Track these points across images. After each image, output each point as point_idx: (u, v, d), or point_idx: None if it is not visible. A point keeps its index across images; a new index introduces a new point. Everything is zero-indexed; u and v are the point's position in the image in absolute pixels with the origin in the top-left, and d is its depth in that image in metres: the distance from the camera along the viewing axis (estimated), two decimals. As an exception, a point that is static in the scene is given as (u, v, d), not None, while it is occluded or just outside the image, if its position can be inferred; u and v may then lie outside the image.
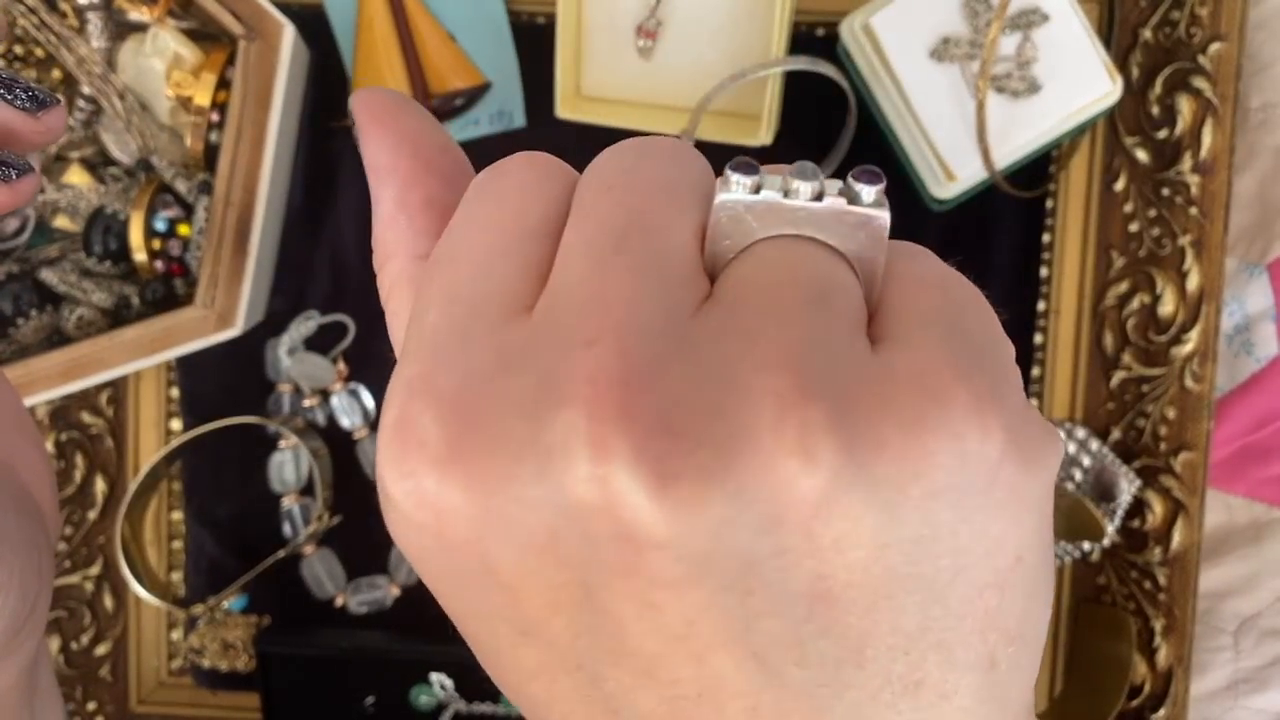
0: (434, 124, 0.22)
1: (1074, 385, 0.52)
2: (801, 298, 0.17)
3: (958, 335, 0.17)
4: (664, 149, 0.19)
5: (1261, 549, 0.57)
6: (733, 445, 0.15)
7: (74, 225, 0.50)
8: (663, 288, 0.17)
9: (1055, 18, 0.45)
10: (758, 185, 0.18)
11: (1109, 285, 0.52)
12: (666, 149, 0.19)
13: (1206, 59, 0.50)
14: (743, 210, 0.18)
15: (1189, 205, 0.50)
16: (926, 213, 0.51)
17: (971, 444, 0.16)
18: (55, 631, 0.54)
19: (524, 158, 0.20)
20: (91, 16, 0.48)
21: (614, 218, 0.18)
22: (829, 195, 0.18)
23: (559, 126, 0.50)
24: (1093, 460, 0.52)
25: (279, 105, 0.46)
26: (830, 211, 0.18)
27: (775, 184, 0.18)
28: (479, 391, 0.17)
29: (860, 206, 0.18)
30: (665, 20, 0.48)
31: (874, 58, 0.46)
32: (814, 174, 0.18)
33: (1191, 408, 0.51)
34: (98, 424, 0.54)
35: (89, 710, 0.54)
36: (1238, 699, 0.58)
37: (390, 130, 0.21)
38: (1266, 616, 0.57)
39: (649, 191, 0.18)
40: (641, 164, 0.19)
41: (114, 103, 0.48)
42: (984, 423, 0.16)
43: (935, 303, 0.18)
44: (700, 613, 0.16)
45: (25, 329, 0.48)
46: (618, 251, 0.17)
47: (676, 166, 0.19)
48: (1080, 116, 0.46)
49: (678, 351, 0.16)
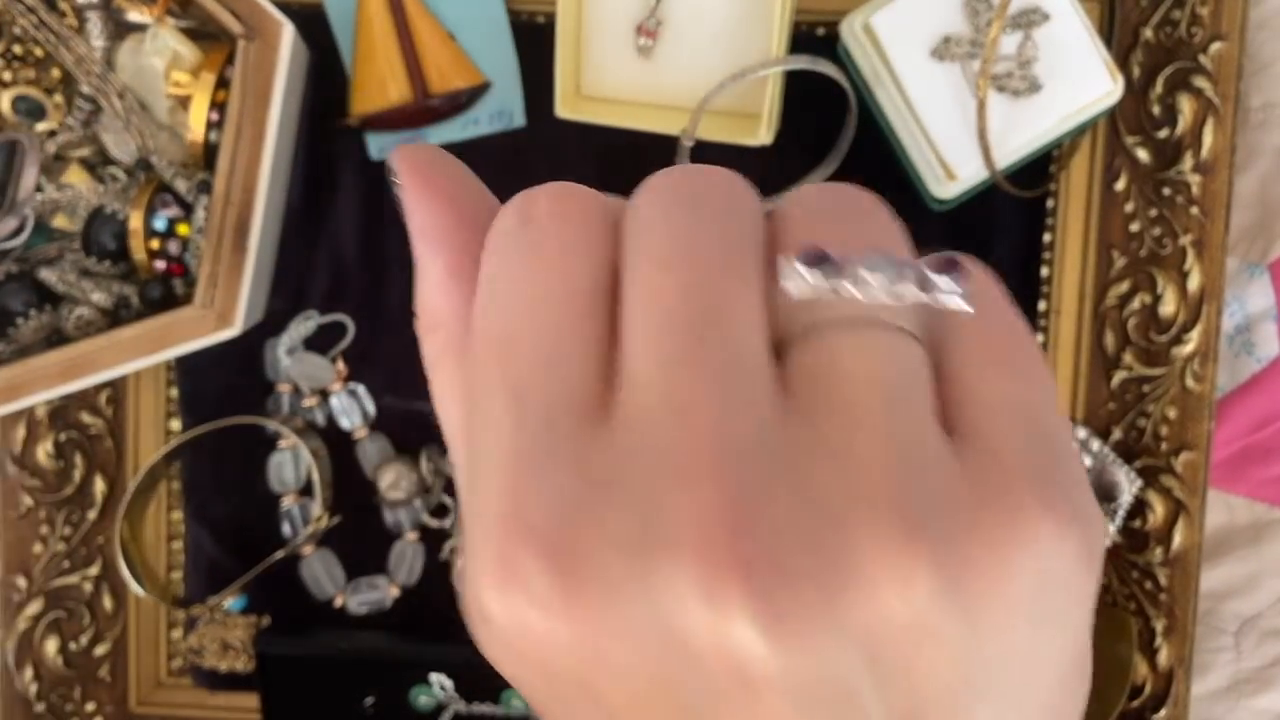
0: (471, 176, 0.21)
1: (1075, 385, 0.52)
2: (883, 400, 0.17)
3: (1035, 433, 0.17)
4: (717, 199, 0.18)
5: (1262, 549, 0.57)
6: (837, 580, 0.16)
7: (73, 225, 0.50)
8: (747, 396, 0.16)
9: (1056, 17, 0.45)
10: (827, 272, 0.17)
11: (1110, 285, 0.51)
12: (720, 198, 0.18)
13: (1207, 58, 0.50)
14: (814, 295, 0.17)
15: (1190, 205, 0.50)
16: (927, 212, 0.51)
17: (1051, 561, 0.16)
18: (55, 632, 0.54)
19: (553, 198, 0.19)
20: (91, 16, 0.48)
21: (682, 308, 0.17)
22: (902, 281, 0.17)
23: (559, 125, 0.50)
24: (1094, 460, 0.52)
25: (278, 104, 0.46)
26: (907, 305, 0.17)
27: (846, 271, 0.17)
28: (579, 527, 0.16)
29: (940, 296, 0.17)
30: (665, 19, 0.48)
31: (874, 57, 0.46)
32: (888, 265, 0.17)
33: (1192, 408, 0.51)
34: (97, 424, 0.54)
35: (88, 710, 0.54)
36: (1239, 699, 0.58)
37: (439, 191, 0.20)
38: (1267, 617, 0.57)
39: (712, 266, 0.17)
40: (698, 228, 0.18)
41: (113, 102, 0.48)
42: (1062, 534, 0.16)
43: (1006, 389, 0.18)
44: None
45: (25, 329, 0.48)
46: (693, 355, 0.17)
47: (734, 221, 0.18)
48: (1081, 116, 0.46)
49: (774, 476, 0.16)
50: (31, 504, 0.54)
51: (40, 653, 0.54)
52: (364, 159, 0.52)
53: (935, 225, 0.51)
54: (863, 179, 0.55)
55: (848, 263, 0.17)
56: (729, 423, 0.16)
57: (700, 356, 0.17)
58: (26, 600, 0.54)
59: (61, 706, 0.54)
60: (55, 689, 0.54)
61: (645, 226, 0.18)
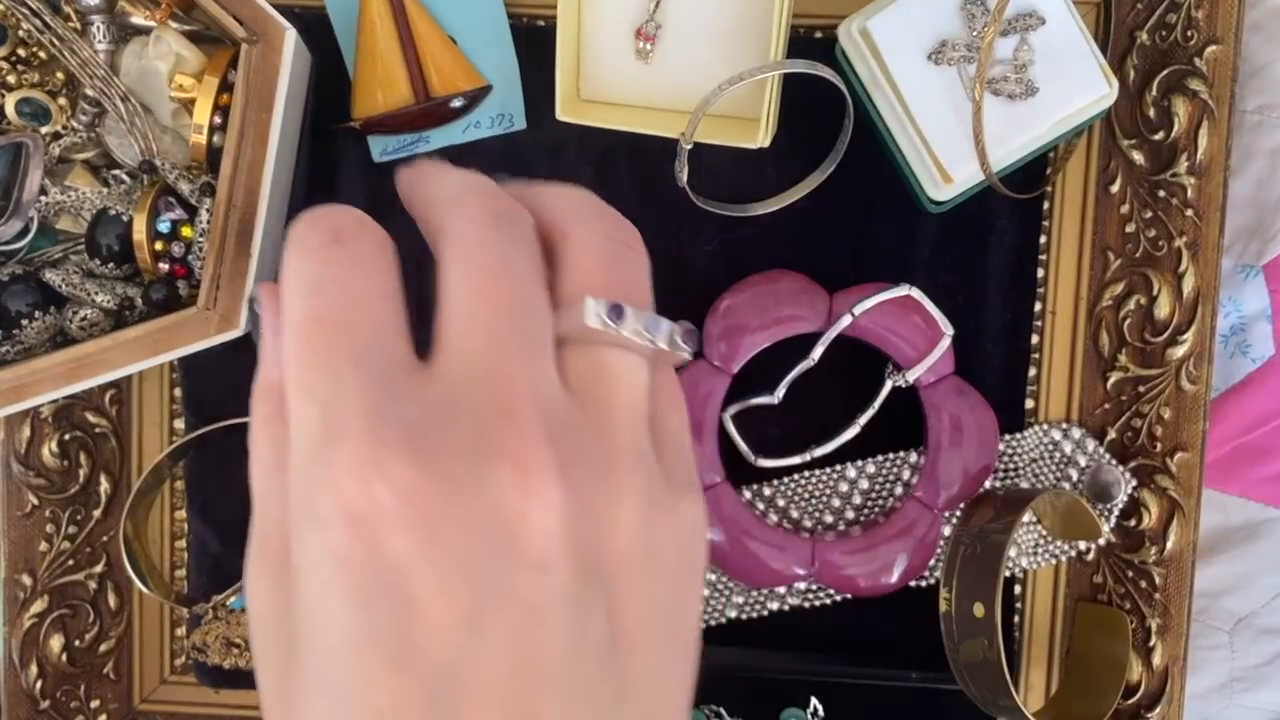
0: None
1: (1070, 386, 0.52)
2: (628, 402, 0.24)
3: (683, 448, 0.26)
4: (515, 223, 0.25)
5: (1256, 548, 0.57)
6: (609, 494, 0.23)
7: (77, 227, 0.50)
8: (545, 368, 0.23)
9: (1052, 21, 0.46)
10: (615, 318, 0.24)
11: (1105, 286, 0.52)
12: (515, 221, 0.25)
13: (1202, 62, 0.50)
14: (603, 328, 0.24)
15: (1185, 207, 0.51)
16: (923, 214, 0.51)
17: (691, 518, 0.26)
18: (59, 629, 0.54)
19: (352, 220, 0.25)
20: (95, 19, 0.48)
21: (504, 303, 0.23)
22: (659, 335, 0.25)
23: (559, 128, 0.50)
24: (1089, 461, 0.52)
25: (281, 108, 0.46)
26: (659, 350, 0.25)
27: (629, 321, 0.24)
28: (427, 437, 0.22)
29: (678, 351, 0.25)
30: (664, 24, 0.48)
31: (871, 60, 0.46)
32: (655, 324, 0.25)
33: (1187, 408, 0.52)
34: (101, 424, 0.54)
35: (92, 708, 0.55)
36: (1233, 697, 0.58)
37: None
38: (1262, 615, 0.58)
39: (526, 277, 0.24)
40: (508, 245, 0.24)
41: (117, 105, 0.48)
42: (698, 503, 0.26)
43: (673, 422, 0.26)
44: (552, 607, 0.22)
45: (29, 330, 0.48)
46: (510, 330, 0.23)
47: (527, 241, 0.25)
48: (1077, 119, 0.47)
49: (563, 422, 0.23)
50: (36, 503, 0.54)
51: (45, 650, 0.54)
52: (366, 162, 0.52)
53: (931, 227, 0.52)
54: (860, 181, 0.55)
55: (631, 315, 0.24)
56: (535, 381, 0.23)
57: (515, 332, 0.23)
58: (31, 598, 0.54)
59: (66, 704, 0.55)
60: (60, 686, 0.55)
61: (466, 240, 0.24)
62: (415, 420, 0.22)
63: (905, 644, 0.53)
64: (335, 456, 0.21)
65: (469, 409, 0.22)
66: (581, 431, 0.23)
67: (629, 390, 0.24)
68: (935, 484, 0.51)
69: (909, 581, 0.52)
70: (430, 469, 0.21)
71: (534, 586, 0.22)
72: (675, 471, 0.25)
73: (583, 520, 0.22)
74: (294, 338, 0.23)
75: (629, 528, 0.23)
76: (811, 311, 0.50)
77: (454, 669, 0.21)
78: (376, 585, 0.21)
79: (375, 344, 0.23)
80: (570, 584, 0.22)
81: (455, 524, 0.21)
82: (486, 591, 0.21)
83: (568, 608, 0.22)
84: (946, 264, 0.52)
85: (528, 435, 0.22)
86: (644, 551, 0.23)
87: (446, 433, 0.22)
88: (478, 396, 0.22)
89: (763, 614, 0.54)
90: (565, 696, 0.22)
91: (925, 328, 0.50)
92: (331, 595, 0.21)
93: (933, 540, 0.51)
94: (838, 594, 0.53)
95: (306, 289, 0.24)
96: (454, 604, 0.21)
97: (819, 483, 0.53)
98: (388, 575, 0.21)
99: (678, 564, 0.24)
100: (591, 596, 0.22)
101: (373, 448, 0.21)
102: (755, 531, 0.51)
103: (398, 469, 0.21)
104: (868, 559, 0.51)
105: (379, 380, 0.22)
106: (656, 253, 0.52)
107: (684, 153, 0.47)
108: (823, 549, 0.51)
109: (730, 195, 0.51)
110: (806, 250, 0.52)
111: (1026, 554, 0.53)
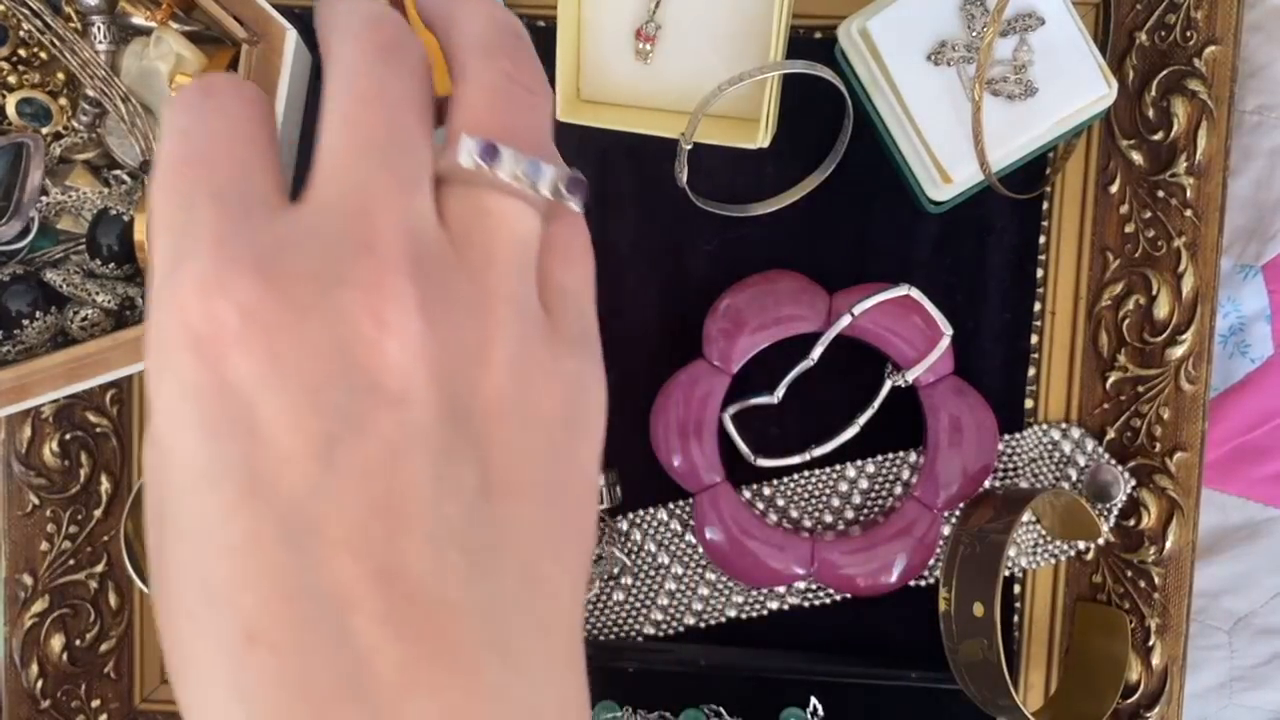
0: None
1: (1069, 386, 0.52)
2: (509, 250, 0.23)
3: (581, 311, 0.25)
4: (401, 52, 0.24)
5: (1256, 548, 0.57)
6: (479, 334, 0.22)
7: (78, 227, 0.50)
8: (420, 206, 0.22)
9: (1051, 21, 0.46)
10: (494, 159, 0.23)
11: (1104, 287, 0.52)
12: (402, 51, 0.24)
13: (1201, 62, 0.50)
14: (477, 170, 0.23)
15: (1184, 207, 0.51)
16: (923, 214, 0.51)
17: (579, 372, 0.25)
18: (60, 629, 0.55)
19: (227, 77, 0.24)
20: (95, 20, 0.48)
21: (378, 134, 0.22)
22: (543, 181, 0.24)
23: (559, 129, 0.50)
24: (1088, 460, 0.52)
25: (282, 109, 0.46)
26: (541, 198, 0.24)
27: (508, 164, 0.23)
28: (277, 262, 0.21)
29: (564, 199, 0.24)
30: (664, 24, 0.48)
31: (871, 61, 0.46)
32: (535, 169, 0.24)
33: (1186, 409, 0.52)
34: (102, 423, 0.54)
35: (93, 707, 0.55)
36: (1233, 696, 0.58)
37: None
38: (1261, 615, 0.58)
39: (403, 109, 0.23)
40: (390, 80, 0.23)
41: (118, 106, 0.48)
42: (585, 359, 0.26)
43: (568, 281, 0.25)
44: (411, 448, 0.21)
45: (30, 330, 0.48)
46: (384, 164, 0.22)
47: (413, 73, 0.24)
48: (1076, 119, 0.47)
49: (430, 259, 0.22)
50: (37, 502, 0.54)
51: (46, 650, 0.54)
52: (366, 161, 0.52)
53: (931, 226, 0.52)
54: (859, 181, 0.55)
55: (509, 158, 0.23)
56: (402, 215, 0.22)
57: (385, 165, 0.22)
58: (32, 598, 0.54)
59: (67, 703, 0.55)
60: (61, 686, 0.55)
61: (348, 69, 0.23)
62: (267, 245, 0.21)
63: (905, 643, 0.53)
64: (180, 278, 0.21)
65: (326, 237, 0.21)
66: (452, 271, 0.22)
67: (510, 237, 0.23)
68: (934, 484, 0.51)
69: (908, 581, 0.52)
70: (276, 289, 0.20)
71: (392, 422, 0.21)
72: (564, 328, 0.24)
73: (447, 360, 0.21)
74: (156, 179, 0.23)
75: (500, 375, 0.22)
76: (811, 311, 0.50)
77: (307, 505, 0.20)
78: (221, 411, 0.21)
79: (235, 180, 0.22)
80: (433, 425, 0.21)
81: (301, 348, 0.20)
82: (338, 423, 0.21)
83: (431, 448, 0.21)
84: (946, 264, 0.52)
85: (385, 265, 0.21)
86: (518, 402, 0.22)
87: (299, 258, 0.21)
88: (336, 225, 0.21)
89: (762, 613, 0.54)
90: (433, 543, 0.21)
91: (925, 328, 0.50)
92: (180, 427, 0.21)
93: (932, 540, 0.51)
94: (837, 593, 0.54)
95: (173, 136, 0.23)
96: (303, 434, 0.20)
97: (818, 482, 0.53)
98: (232, 400, 0.20)
99: (558, 419, 0.23)
100: (459, 441, 0.21)
101: (217, 267, 0.21)
102: (755, 531, 0.51)
103: (241, 287, 0.20)
104: (867, 559, 0.51)
105: (235, 211, 0.22)
106: (657, 253, 0.52)
107: (684, 153, 0.47)
108: (822, 549, 0.51)
109: (730, 195, 0.51)
110: (806, 250, 0.52)
111: (1026, 553, 0.53)
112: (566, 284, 0.25)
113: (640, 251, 0.52)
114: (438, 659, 0.21)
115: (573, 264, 0.25)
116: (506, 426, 0.22)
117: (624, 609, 0.54)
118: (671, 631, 0.54)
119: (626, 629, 0.54)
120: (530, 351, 0.23)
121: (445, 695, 0.21)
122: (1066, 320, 0.52)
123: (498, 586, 0.22)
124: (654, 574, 0.54)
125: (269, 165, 0.23)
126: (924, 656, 0.52)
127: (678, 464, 0.51)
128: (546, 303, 0.24)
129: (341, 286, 0.21)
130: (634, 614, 0.54)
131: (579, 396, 0.24)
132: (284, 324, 0.20)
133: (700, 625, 0.54)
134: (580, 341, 0.24)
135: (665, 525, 0.53)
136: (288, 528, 0.20)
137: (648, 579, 0.54)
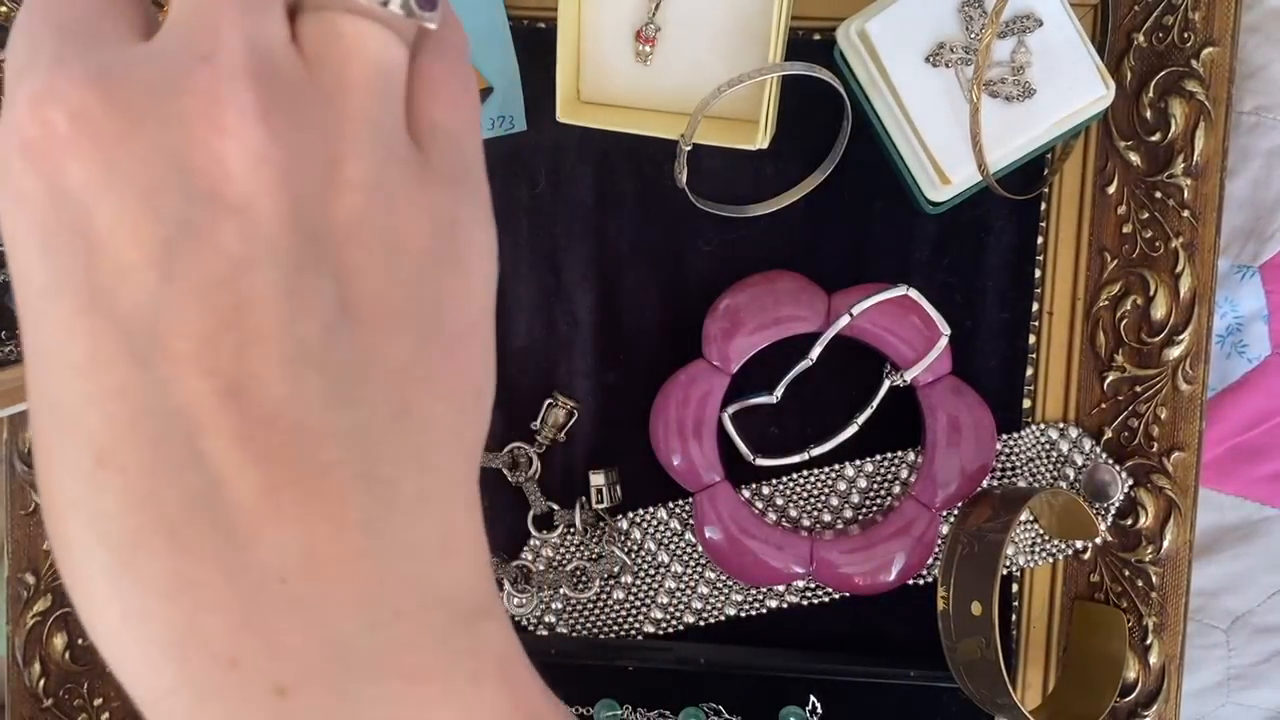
0: None
1: (1067, 386, 0.53)
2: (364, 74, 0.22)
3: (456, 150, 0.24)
4: None
5: (1253, 547, 0.57)
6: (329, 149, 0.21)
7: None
8: (270, 26, 0.21)
9: (1049, 23, 0.46)
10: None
11: (1102, 287, 0.52)
12: None
13: (1199, 63, 0.50)
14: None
15: (1182, 208, 0.51)
16: (921, 215, 0.51)
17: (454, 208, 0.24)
18: (62, 628, 0.55)
19: None
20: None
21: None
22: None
23: (559, 130, 0.50)
24: (1086, 460, 0.53)
25: None
26: (405, 21, 0.23)
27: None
28: (115, 75, 0.20)
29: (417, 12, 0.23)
30: (663, 26, 0.49)
31: (869, 63, 0.47)
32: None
33: (1184, 408, 0.52)
34: (104, 423, 0.54)
35: (95, 706, 0.55)
36: (1230, 695, 0.59)
37: None
38: (1258, 614, 0.58)
39: None
40: None
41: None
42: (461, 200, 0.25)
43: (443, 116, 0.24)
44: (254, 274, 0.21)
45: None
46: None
47: None
48: (1074, 120, 0.47)
49: (276, 78, 0.21)
50: (39, 502, 0.54)
51: (48, 649, 0.55)
52: (367, 162, 0.53)
53: (929, 227, 0.52)
54: (858, 182, 0.56)
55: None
56: (249, 33, 0.21)
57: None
58: (35, 597, 0.55)
59: (69, 702, 0.55)
60: (63, 685, 0.55)
61: None
62: (107, 62, 0.21)
63: (903, 642, 0.54)
64: (17, 94, 0.20)
65: (166, 54, 0.21)
66: (302, 88, 0.21)
67: (365, 59, 0.22)
68: (933, 483, 0.51)
69: (907, 580, 0.52)
70: (109, 97, 0.20)
71: (233, 231, 0.20)
72: (436, 163, 0.23)
73: (295, 172, 0.21)
74: (13, 27, 0.22)
75: (354, 196, 0.21)
76: (810, 311, 0.51)
77: (150, 316, 0.20)
78: (57, 220, 0.20)
79: (84, 19, 0.22)
80: (281, 237, 0.20)
81: (135, 154, 0.20)
82: (177, 230, 0.20)
83: (280, 262, 0.20)
84: (944, 264, 0.52)
85: (223, 73, 0.20)
86: (377, 227, 0.22)
87: (136, 70, 0.20)
88: (179, 41, 0.21)
89: (761, 612, 0.54)
90: (288, 362, 0.20)
91: (923, 328, 0.50)
92: (20, 241, 0.21)
93: (930, 539, 0.52)
94: (836, 592, 0.54)
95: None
96: (140, 242, 0.20)
97: (817, 482, 0.53)
98: (67, 209, 0.20)
99: (426, 251, 0.22)
100: (311, 258, 0.21)
101: (52, 78, 0.20)
102: (754, 530, 0.51)
103: (73, 94, 0.20)
104: (866, 558, 0.51)
105: (80, 40, 0.21)
106: (656, 253, 0.52)
107: (683, 154, 0.47)
108: (821, 548, 0.51)
109: (729, 196, 0.52)
110: (805, 250, 0.52)
111: (1024, 552, 0.53)
112: (439, 120, 0.24)
113: (640, 252, 0.52)
114: (299, 485, 0.20)
115: (447, 101, 0.24)
116: (364, 249, 0.21)
117: (624, 607, 0.54)
118: (671, 630, 0.54)
119: (626, 627, 0.54)
120: (390, 177, 0.22)
121: (308, 524, 0.20)
122: (1064, 320, 0.53)
123: (363, 414, 0.21)
124: (654, 573, 0.54)
125: (128, 7, 0.23)
126: (923, 655, 0.52)
127: (677, 463, 0.51)
128: (417, 138, 0.23)
129: (177, 94, 0.20)
130: (634, 613, 0.54)
131: (453, 233, 0.23)
132: (117, 130, 0.20)
133: (700, 624, 0.54)
134: (456, 179, 0.23)
135: (665, 524, 0.54)
136: (130, 343, 0.20)
137: (647, 578, 0.54)
